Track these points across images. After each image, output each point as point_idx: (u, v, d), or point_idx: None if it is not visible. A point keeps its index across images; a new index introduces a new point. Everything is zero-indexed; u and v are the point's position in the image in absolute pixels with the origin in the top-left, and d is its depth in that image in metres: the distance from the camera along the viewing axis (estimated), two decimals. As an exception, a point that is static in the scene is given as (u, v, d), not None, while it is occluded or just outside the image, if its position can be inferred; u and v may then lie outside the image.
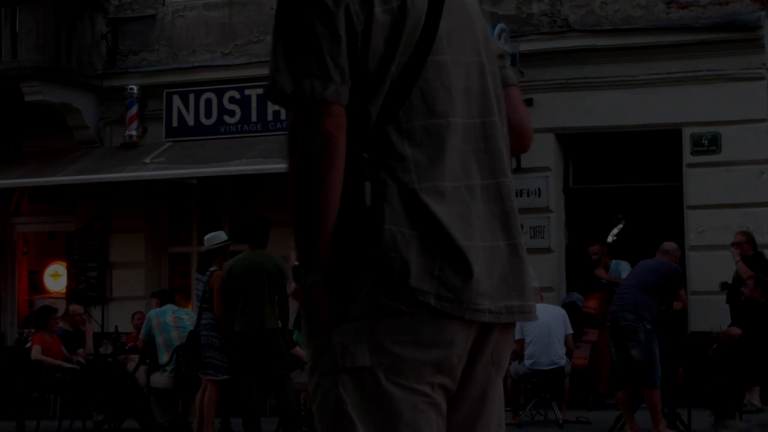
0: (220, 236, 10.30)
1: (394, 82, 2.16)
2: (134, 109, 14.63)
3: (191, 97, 14.51)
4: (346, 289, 2.13)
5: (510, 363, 7.78)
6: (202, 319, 9.98)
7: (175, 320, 11.07)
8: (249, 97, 14.16)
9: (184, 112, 14.56)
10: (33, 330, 12.55)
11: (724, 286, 11.31)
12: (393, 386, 2.11)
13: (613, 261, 11.99)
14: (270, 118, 14.05)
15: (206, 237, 10.45)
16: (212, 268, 10.02)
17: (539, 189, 12.88)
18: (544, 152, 12.53)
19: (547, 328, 10.56)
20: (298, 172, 2.11)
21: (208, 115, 14.42)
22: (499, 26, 12.21)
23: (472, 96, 2.25)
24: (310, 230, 2.12)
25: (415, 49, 2.17)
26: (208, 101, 14.42)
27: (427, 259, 2.11)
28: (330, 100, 2.11)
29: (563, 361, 10.89)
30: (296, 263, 2.17)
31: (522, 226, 2.34)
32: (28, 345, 12.27)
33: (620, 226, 11.85)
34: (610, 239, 11.89)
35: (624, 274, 11.06)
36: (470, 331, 2.16)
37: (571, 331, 11.21)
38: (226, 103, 14.32)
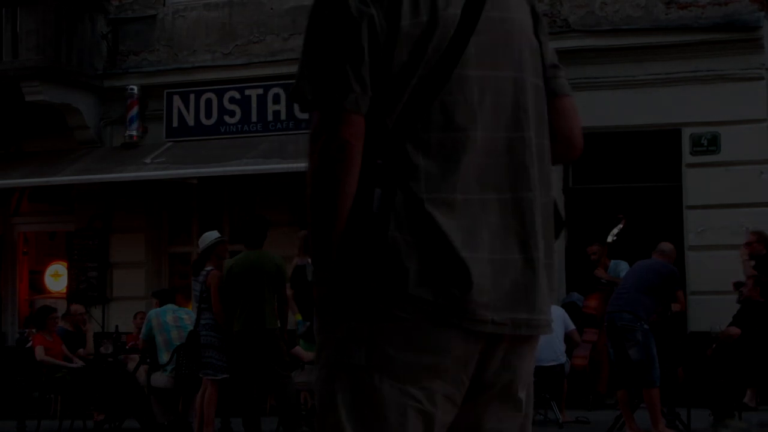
0: (211, 235, 10.31)
1: (413, 93, 2.19)
2: (134, 99, 14.66)
3: (191, 97, 14.52)
4: (350, 289, 2.18)
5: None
6: (201, 319, 9.99)
7: (175, 320, 11.08)
8: (249, 97, 14.17)
9: (184, 112, 14.57)
10: (33, 330, 12.57)
11: (736, 285, 11.29)
12: (385, 387, 2.15)
13: (612, 261, 11.99)
14: (270, 118, 14.06)
15: (199, 240, 10.50)
16: (208, 268, 10.03)
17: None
18: (543, 152, 12.51)
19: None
20: (314, 175, 2.19)
21: (208, 115, 14.43)
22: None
23: (501, 111, 2.26)
24: (323, 230, 2.19)
25: (438, 63, 2.20)
26: (209, 101, 14.44)
27: (427, 267, 2.14)
28: (348, 109, 2.16)
29: (564, 358, 10.94)
30: (308, 260, 2.25)
31: None
32: (29, 345, 12.29)
33: (620, 226, 11.86)
34: (610, 239, 11.89)
35: (623, 274, 11.08)
36: (473, 340, 2.18)
37: (573, 327, 11.28)
38: (226, 103, 14.34)
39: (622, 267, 11.64)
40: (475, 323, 2.16)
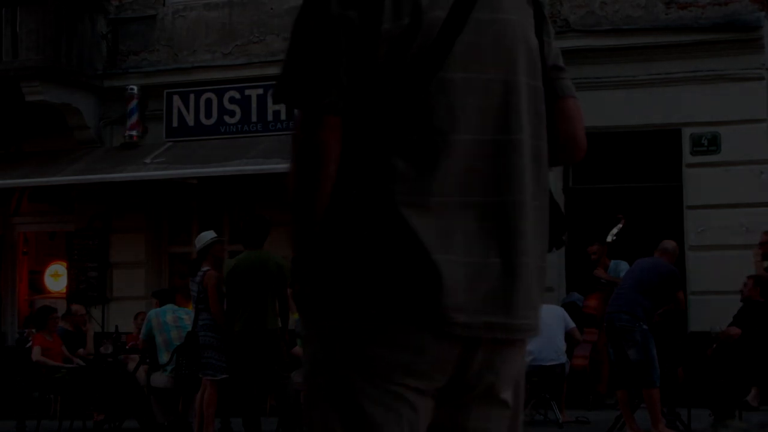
0: (207, 235, 10.31)
1: (393, 96, 2.19)
2: (134, 99, 14.66)
3: (191, 97, 14.53)
4: (327, 288, 2.20)
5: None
6: (199, 320, 9.98)
7: (175, 320, 11.08)
8: (249, 97, 14.17)
9: (184, 112, 14.57)
10: (33, 330, 12.57)
11: None
12: (363, 384, 2.17)
13: (613, 261, 11.99)
14: (270, 118, 14.07)
15: (195, 240, 10.49)
16: (204, 268, 10.03)
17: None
18: (544, 152, 12.51)
19: (547, 325, 10.59)
20: (292, 176, 2.22)
21: (208, 115, 14.43)
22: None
23: (489, 114, 2.24)
24: (300, 229, 2.23)
25: (419, 66, 2.19)
26: (208, 101, 14.43)
27: (399, 269, 2.15)
28: (325, 111, 2.19)
29: (564, 358, 10.94)
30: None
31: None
32: (29, 345, 12.29)
33: (619, 225, 11.85)
34: (609, 239, 11.88)
35: (623, 274, 11.07)
36: (447, 341, 2.18)
37: (574, 325, 11.28)
38: (226, 103, 14.34)
39: (622, 267, 11.64)
40: (445, 325, 2.16)
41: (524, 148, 2.27)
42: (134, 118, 14.77)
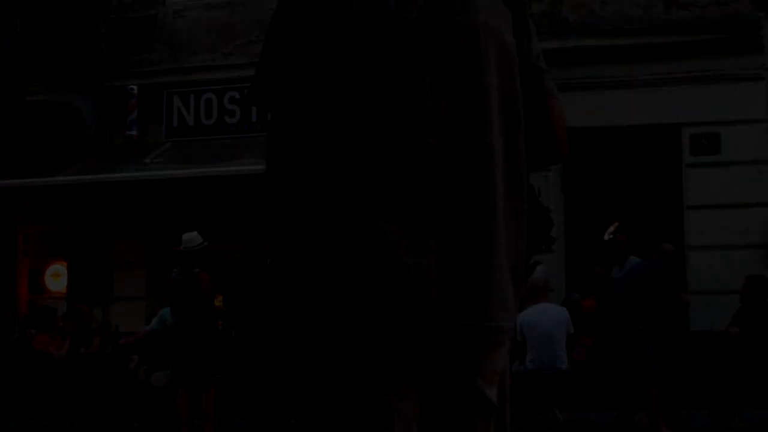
0: (197, 239, 10.28)
1: (362, 99, 2.19)
2: (134, 100, 14.66)
3: (191, 97, 14.53)
4: (305, 296, 2.23)
5: (511, 364, 7.81)
6: (191, 320, 9.95)
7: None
8: (249, 97, 14.17)
9: (184, 112, 14.57)
10: (33, 331, 12.57)
11: None
12: (349, 382, 2.18)
13: (631, 257, 11.88)
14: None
15: (185, 237, 10.39)
16: (195, 270, 10.04)
17: (539, 189, 12.65)
18: (544, 152, 12.50)
19: (549, 332, 10.55)
20: (266, 182, 2.28)
21: (208, 115, 14.43)
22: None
23: (458, 116, 2.23)
24: (278, 230, 2.26)
25: (387, 69, 2.19)
26: (209, 101, 14.43)
27: (371, 272, 2.15)
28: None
29: (564, 365, 10.91)
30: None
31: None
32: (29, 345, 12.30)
33: (616, 224, 11.81)
34: (606, 237, 11.86)
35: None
36: (423, 344, 2.19)
37: (572, 331, 11.22)
38: (226, 103, 14.34)
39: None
40: (419, 328, 2.16)
41: (495, 150, 2.26)
42: (134, 118, 14.77)
